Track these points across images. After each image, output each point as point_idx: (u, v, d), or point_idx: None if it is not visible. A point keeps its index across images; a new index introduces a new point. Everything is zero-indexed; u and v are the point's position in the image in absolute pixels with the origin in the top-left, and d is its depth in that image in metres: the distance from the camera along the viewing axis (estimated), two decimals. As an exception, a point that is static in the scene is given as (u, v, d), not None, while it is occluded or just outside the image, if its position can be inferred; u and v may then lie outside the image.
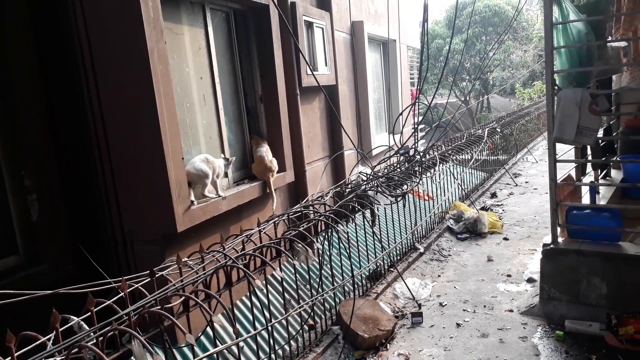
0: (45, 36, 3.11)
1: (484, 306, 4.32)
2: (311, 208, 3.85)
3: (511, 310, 4.18)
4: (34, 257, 3.06)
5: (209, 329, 3.01)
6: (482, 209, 7.25)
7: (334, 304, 4.04)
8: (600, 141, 5.06)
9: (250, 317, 3.31)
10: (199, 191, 3.62)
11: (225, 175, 4.08)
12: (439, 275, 5.10)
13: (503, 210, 7.41)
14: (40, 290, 2.13)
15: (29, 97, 2.99)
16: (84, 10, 3.07)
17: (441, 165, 6.42)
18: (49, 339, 1.83)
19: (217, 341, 2.42)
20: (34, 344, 1.81)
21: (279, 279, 2.94)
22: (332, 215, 3.67)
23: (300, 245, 3.16)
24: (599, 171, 5.30)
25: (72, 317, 2.01)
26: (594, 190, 4.51)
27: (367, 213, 4.41)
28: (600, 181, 5.20)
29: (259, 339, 3.25)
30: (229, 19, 4.29)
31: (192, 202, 3.47)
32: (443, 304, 4.41)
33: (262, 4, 4.38)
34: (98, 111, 3.18)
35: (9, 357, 1.67)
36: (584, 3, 4.28)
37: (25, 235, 3.04)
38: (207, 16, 3.95)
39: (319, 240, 3.72)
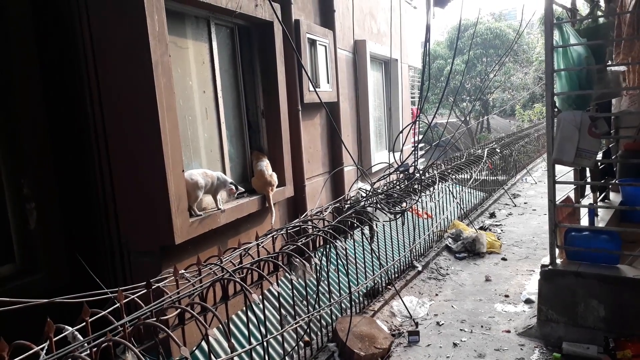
0: (49, 45, 3.14)
1: (481, 326, 4.29)
2: (310, 223, 3.85)
3: (508, 331, 4.15)
4: (30, 266, 3.04)
5: (204, 343, 2.99)
6: (481, 228, 7.25)
7: (330, 320, 4.01)
8: (599, 164, 5.08)
9: (246, 331, 3.28)
10: (193, 202, 3.64)
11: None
12: (436, 294, 5.07)
13: (502, 230, 7.40)
14: (35, 299, 2.12)
15: (30, 105, 3.00)
16: (90, 21, 3.11)
17: (440, 183, 6.44)
18: (42, 349, 1.82)
19: (212, 355, 2.40)
20: (27, 353, 1.79)
21: (276, 293, 2.92)
22: (330, 231, 3.67)
23: (298, 260, 3.16)
24: (598, 194, 5.32)
25: (66, 326, 1.99)
26: (592, 213, 4.51)
27: (366, 229, 4.40)
28: (599, 203, 5.20)
29: (254, 354, 3.22)
30: (233, 34, 4.35)
31: (193, 211, 3.49)
32: (440, 323, 4.37)
33: (266, 20, 4.43)
34: (100, 121, 3.20)
35: (2, 366, 1.65)
36: (585, 27, 4.35)
37: (22, 243, 3.03)
38: (212, 31, 4.00)
39: (317, 255, 3.71)
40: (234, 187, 3.86)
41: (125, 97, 3.15)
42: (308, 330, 3.69)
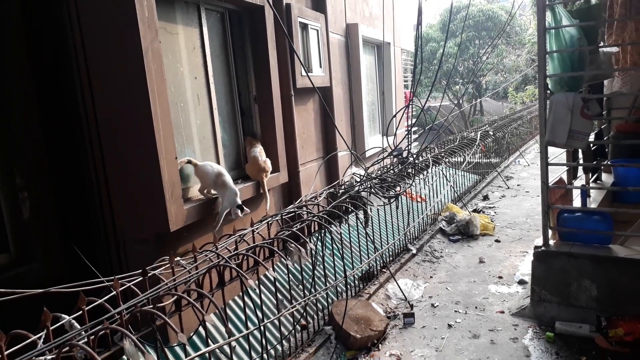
0: (38, 34, 3.09)
1: (476, 307, 4.34)
2: (304, 208, 3.85)
3: (502, 312, 4.20)
4: (24, 255, 3.04)
5: (201, 329, 3.01)
6: (474, 211, 7.29)
7: (326, 304, 4.05)
8: (591, 145, 5.11)
9: (243, 316, 3.31)
10: (201, 188, 3.72)
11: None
12: (431, 277, 5.12)
13: (495, 212, 7.46)
14: (31, 288, 2.12)
15: (21, 94, 2.97)
16: (79, 9, 3.06)
17: (434, 167, 6.46)
18: (39, 338, 1.82)
19: (209, 341, 2.42)
20: (24, 343, 1.80)
21: (272, 279, 2.94)
22: (325, 216, 3.68)
23: (293, 245, 3.17)
24: (590, 175, 5.36)
25: (63, 315, 2.00)
26: (585, 194, 4.55)
27: (360, 214, 4.42)
28: (591, 185, 5.24)
29: (251, 338, 3.25)
30: (223, 19, 4.29)
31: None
32: (435, 305, 4.42)
33: (257, 4, 4.38)
34: (91, 109, 3.17)
35: None
36: (577, 9, 4.33)
37: (16, 233, 3.02)
38: (202, 16, 3.95)
39: (312, 240, 3.73)
40: (239, 211, 3.63)
41: (116, 85, 3.11)
42: (304, 314, 3.72)
